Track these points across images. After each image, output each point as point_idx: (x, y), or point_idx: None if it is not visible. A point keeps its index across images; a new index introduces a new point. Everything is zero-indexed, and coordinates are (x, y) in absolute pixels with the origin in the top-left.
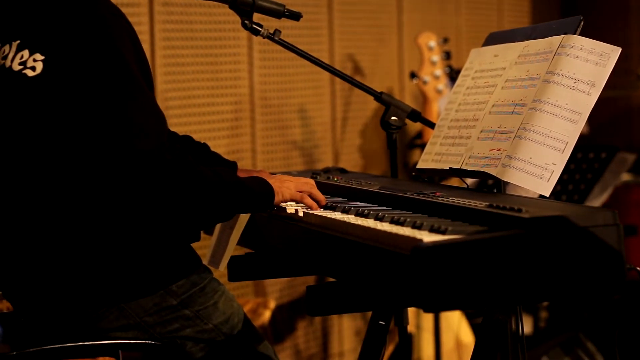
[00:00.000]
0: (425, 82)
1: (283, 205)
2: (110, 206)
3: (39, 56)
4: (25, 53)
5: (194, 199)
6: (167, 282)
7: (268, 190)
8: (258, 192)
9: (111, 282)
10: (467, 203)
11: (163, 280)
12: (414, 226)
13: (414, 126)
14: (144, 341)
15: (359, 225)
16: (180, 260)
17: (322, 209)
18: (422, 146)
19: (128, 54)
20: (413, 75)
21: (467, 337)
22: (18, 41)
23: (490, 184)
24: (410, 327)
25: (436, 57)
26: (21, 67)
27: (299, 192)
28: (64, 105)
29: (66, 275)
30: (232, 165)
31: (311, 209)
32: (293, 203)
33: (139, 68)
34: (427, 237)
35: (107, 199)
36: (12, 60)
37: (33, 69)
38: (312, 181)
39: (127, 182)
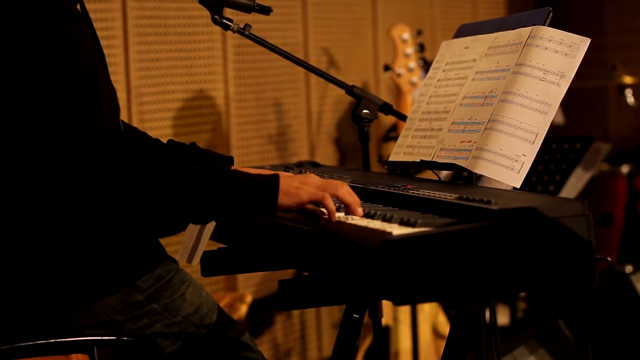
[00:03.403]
0: (399, 75)
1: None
2: (66, 203)
3: None
4: None
5: (150, 192)
6: (132, 278)
7: (266, 191)
8: (249, 191)
9: (73, 282)
10: (438, 195)
11: (127, 276)
12: (384, 219)
13: (388, 119)
14: (117, 337)
15: (329, 219)
16: (144, 255)
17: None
18: (397, 139)
19: (80, 51)
20: (387, 68)
21: (445, 328)
22: None
23: (465, 176)
24: (388, 320)
25: (410, 50)
26: None
27: (321, 191)
28: (15, 95)
29: (25, 277)
30: (228, 159)
31: (330, 215)
32: None
33: (93, 68)
34: (397, 230)
35: (62, 196)
36: None
37: None
38: (340, 183)
39: (78, 173)
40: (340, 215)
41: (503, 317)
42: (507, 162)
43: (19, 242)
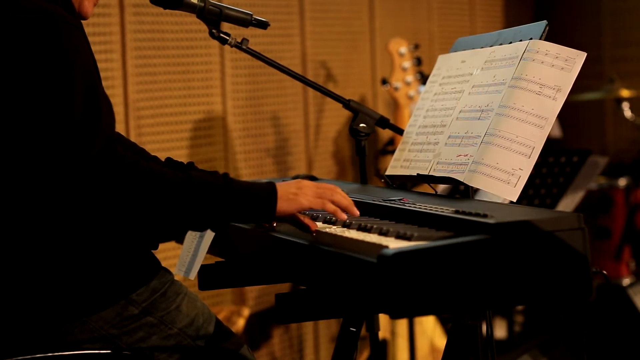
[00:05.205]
0: (396, 89)
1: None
2: (63, 215)
3: None
4: None
5: (151, 197)
6: (127, 291)
7: (266, 196)
8: (249, 197)
9: (69, 296)
10: (434, 209)
11: (122, 290)
12: (381, 233)
13: (386, 132)
14: (114, 352)
15: (326, 233)
16: (139, 268)
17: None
18: (394, 152)
19: (79, 58)
20: (384, 81)
21: (442, 342)
22: None
23: (461, 190)
24: (385, 334)
25: (407, 64)
26: None
27: (319, 198)
28: (14, 102)
29: (21, 291)
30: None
31: (335, 216)
32: None
33: (92, 75)
34: (393, 243)
35: (60, 208)
36: None
37: None
38: (333, 186)
39: (79, 180)
40: (336, 229)
41: (501, 331)
42: (504, 176)
43: (15, 256)
